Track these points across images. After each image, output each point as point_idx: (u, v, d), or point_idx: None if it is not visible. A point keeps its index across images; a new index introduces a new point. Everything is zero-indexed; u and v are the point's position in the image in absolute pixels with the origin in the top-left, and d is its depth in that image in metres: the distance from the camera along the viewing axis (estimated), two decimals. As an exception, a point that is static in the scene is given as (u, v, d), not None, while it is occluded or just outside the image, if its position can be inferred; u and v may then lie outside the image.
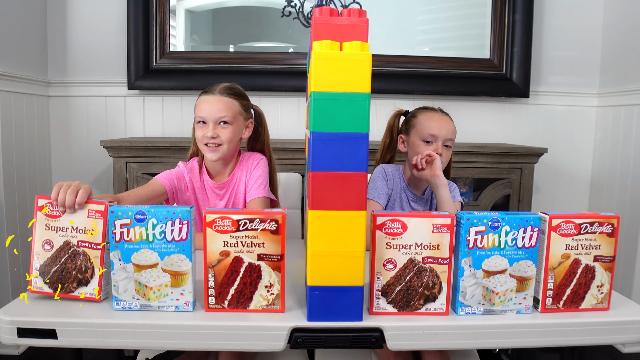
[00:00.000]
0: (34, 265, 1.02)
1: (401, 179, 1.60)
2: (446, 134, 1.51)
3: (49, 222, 1.02)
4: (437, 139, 1.50)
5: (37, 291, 1.03)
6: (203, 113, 1.48)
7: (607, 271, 1.02)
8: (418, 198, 1.59)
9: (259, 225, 0.93)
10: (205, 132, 1.47)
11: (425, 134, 1.51)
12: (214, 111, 1.48)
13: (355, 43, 0.86)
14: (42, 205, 1.02)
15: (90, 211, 1.00)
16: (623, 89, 2.40)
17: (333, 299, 0.92)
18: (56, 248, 1.01)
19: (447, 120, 1.55)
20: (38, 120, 2.36)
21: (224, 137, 1.48)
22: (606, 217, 1.00)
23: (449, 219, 0.95)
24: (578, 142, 2.66)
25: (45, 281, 1.02)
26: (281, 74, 2.46)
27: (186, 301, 0.97)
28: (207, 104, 1.49)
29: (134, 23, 2.40)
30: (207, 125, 1.48)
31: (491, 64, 2.54)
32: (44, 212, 1.02)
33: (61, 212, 1.01)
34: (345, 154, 0.87)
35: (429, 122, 1.52)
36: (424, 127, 1.52)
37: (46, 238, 1.02)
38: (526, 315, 1.00)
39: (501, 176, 2.25)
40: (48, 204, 1.01)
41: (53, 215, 1.01)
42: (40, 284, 1.02)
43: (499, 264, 0.97)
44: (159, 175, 1.54)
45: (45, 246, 1.02)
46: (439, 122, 1.52)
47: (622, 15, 2.45)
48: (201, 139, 1.48)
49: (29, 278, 1.03)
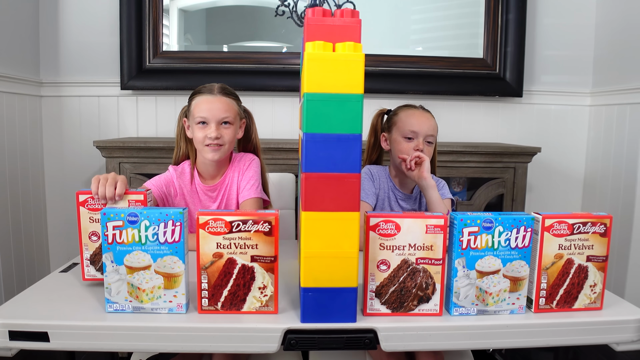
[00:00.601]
0: (85, 256, 1.09)
1: (388, 178, 1.60)
2: (427, 130, 1.52)
3: (92, 215, 1.07)
4: (418, 135, 1.52)
5: (90, 278, 1.10)
6: (205, 113, 1.47)
7: (600, 271, 1.02)
8: (406, 196, 1.60)
9: (252, 226, 0.93)
10: (208, 133, 1.46)
11: (406, 131, 1.52)
12: (217, 111, 1.47)
13: (348, 44, 0.85)
14: (83, 200, 1.07)
15: (131, 201, 1.08)
16: (616, 88, 2.41)
17: (326, 301, 0.92)
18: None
19: (427, 116, 1.56)
20: (30, 120, 2.35)
21: (227, 137, 1.48)
22: (599, 217, 1.00)
23: (442, 219, 0.95)
24: (571, 141, 2.66)
25: (97, 269, 1.09)
26: (275, 73, 2.45)
27: (179, 303, 0.96)
28: (209, 104, 1.48)
29: (127, 22, 2.38)
30: (209, 125, 1.46)
31: (485, 64, 2.54)
32: (87, 206, 1.07)
33: (102, 204, 1.07)
34: (339, 155, 0.87)
35: (409, 119, 1.54)
36: (404, 124, 1.54)
37: (92, 230, 1.08)
38: (520, 315, 1.00)
39: (495, 175, 2.25)
40: (89, 198, 1.07)
41: (95, 209, 1.07)
42: (93, 272, 1.10)
43: (492, 264, 0.97)
44: (148, 181, 1.54)
45: (92, 237, 1.08)
46: (419, 119, 1.54)
47: (614, 15, 2.45)
48: (202, 140, 1.47)
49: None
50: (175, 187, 1.54)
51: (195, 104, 1.50)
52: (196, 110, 1.48)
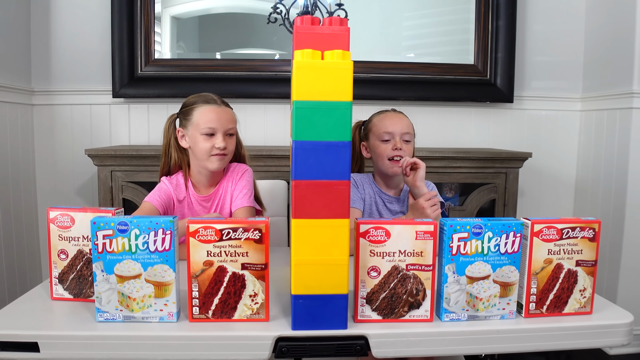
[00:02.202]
0: (53, 274, 1.07)
1: (373, 184, 1.63)
2: (401, 128, 1.56)
3: (61, 232, 1.05)
4: (394, 135, 1.55)
5: (58, 297, 1.08)
6: (214, 124, 1.47)
7: (590, 275, 1.03)
8: (394, 199, 1.62)
9: (242, 234, 0.93)
10: (216, 143, 1.47)
11: (381, 133, 1.56)
12: (225, 122, 1.49)
13: (337, 52, 0.86)
14: (53, 217, 1.05)
15: None
16: (605, 93, 2.44)
17: (317, 308, 0.92)
18: (71, 257, 1.06)
19: (400, 116, 1.60)
20: (22, 129, 2.34)
21: (231, 147, 1.52)
22: (587, 222, 1.01)
23: (432, 226, 0.95)
24: (562, 146, 2.69)
25: (64, 288, 1.07)
26: (267, 80, 2.46)
27: (170, 312, 0.96)
28: (216, 114, 1.49)
29: (119, 30, 2.39)
30: (217, 136, 1.48)
31: (475, 70, 2.56)
32: (56, 224, 1.05)
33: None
34: (328, 163, 0.87)
35: (382, 122, 1.58)
36: (378, 128, 1.58)
37: (61, 248, 1.06)
38: (510, 320, 1.00)
39: (486, 181, 2.26)
40: (59, 215, 1.05)
41: (64, 226, 1.05)
42: (60, 291, 1.07)
43: (482, 270, 0.97)
44: (147, 197, 1.52)
45: (61, 255, 1.06)
46: (392, 120, 1.58)
47: (603, 20, 2.48)
48: (209, 150, 1.47)
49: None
50: (173, 198, 1.54)
51: (199, 114, 1.49)
52: (202, 120, 1.48)
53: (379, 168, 1.59)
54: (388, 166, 1.54)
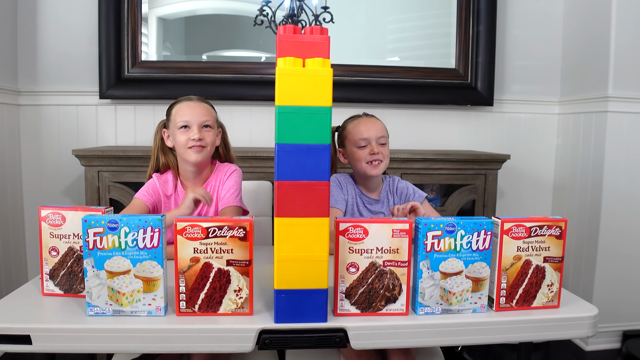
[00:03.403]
0: (44, 270, 1.11)
1: (355, 185, 1.68)
2: (376, 133, 1.60)
3: (53, 230, 1.09)
4: (370, 141, 1.59)
5: (49, 293, 1.12)
6: (187, 117, 1.53)
7: (557, 271, 1.09)
8: (374, 201, 1.67)
9: (227, 232, 0.98)
10: (191, 135, 1.51)
11: (357, 140, 1.60)
12: (198, 115, 1.54)
13: (317, 60, 0.91)
14: (45, 215, 1.09)
15: None
16: (582, 97, 2.51)
17: (299, 302, 0.97)
18: (62, 254, 1.09)
19: (373, 121, 1.64)
20: (8, 129, 2.36)
21: (208, 139, 1.55)
22: (554, 221, 1.07)
23: (407, 224, 1.00)
24: (541, 148, 2.76)
25: (55, 284, 1.11)
26: (253, 83, 2.50)
27: (158, 306, 1.01)
28: (190, 108, 1.54)
29: (106, 32, 2.41)
30: (192, 128, 1.52)
31: (457, 74, 2.62)
32: (48, 222, 1.09)
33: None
34: (309, 164, 0.92)
35: (357, 129, 1.62)
36: (354, 135, 1.61)
37: (52, 245, 1.10)
38: (482, 314, 1.06)
39: (467, 182, 2.32)
40: (50, 214, 1.09)
41: (55, 224, 1.09)
42: (51, 287, 1.11)
43: (455, 266, 1.03)
44: (137, 193, 1.59)
45: (52, 252, 1.10)
46: (366, 125, 1.61)
47: (580, 26, 2.56)
48: (185, 143, 1.52)
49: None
50: (161, 194, 1.59)
51: (175, 111, 1.56)
52: (178, 116, 1.54)
53: (358, 172, 1.64)
54: (367, 168, 1.58)
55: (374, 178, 1.64)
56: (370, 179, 1.64)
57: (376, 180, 1.66)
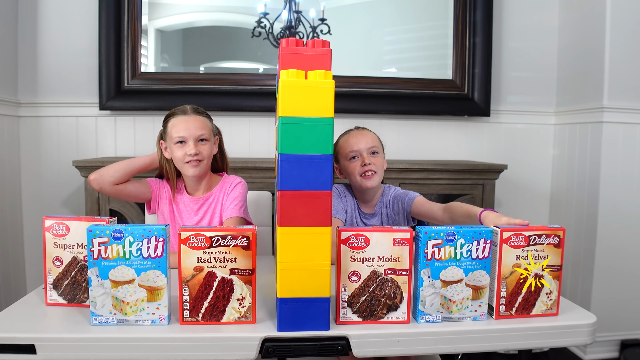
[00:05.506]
0: (48, 280, 1.12)
1: (353, 197, 1.69)
2: (366, 144, 1.60)
3: (57, 240, 1.10)
4: (360, 152, 1.60)
5: (52, 303, 1.12)
6: (183, 133, 1.54)
7: (555, 279, 1.10)
8: (370, 215, 1.68)
9: (231, 241, 0.99)
10: (187, 150, 1.53)
11: (348, 153, 1.61)
12: (193, 130, 1.55)
13: (319, 72, 0.93)
14: (49, 225, 1.10)
15: None
16: (578, 107, 2.54)
17: (301, 310, 0.98)
18: (65, 264, 1.10)
19: (362, 133, 1.65)
20: (8, 140, 2.37)
21: (205, 152, 1.57)
22: (553, 229, 1.08)
23: (408, 233, 1.02)
24: (537, 158, 2.79)
25: (59, 294, 1.12)
26: (251, 94, 2.52)
27: (162, 315, 1.01)
28: (185, 123, 1.56)
29: (106, 44, 2.43)
30: (187, 143, 1.54)
31: (454, 85, 2.65)
32: (52, 232, 1.10)
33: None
34: (311, 174, 0.94)
35: (347, 143, 1.63)
36: (344, 149, 1.63)
37: (56, 255, 1.10)
38: (482, 321, 1.07)
39: (464, 192, 2.34)
40: (54, 224, 1.09)
41: (59, 234, 1.10)
42: (55, 297, 1.12)
43: (455, 274, 1.04)
44: (150, 179, 1.65)
45: (56, 262, 1.11)
46: (355, 138, 1.62)
47: (575, 38, 2.59)
48: (182, 158, 1.54)
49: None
50: (163, 192, 1.64)
51: (171, 125, 1.57)
52: (173, 131, 1.56)
53: (354, 185, 1.65)
54: (361, 181, 1.59)
55: (370, 190, 1.64)
56: (367, 192, 1.64)
57: (372, 192, 1.66)
